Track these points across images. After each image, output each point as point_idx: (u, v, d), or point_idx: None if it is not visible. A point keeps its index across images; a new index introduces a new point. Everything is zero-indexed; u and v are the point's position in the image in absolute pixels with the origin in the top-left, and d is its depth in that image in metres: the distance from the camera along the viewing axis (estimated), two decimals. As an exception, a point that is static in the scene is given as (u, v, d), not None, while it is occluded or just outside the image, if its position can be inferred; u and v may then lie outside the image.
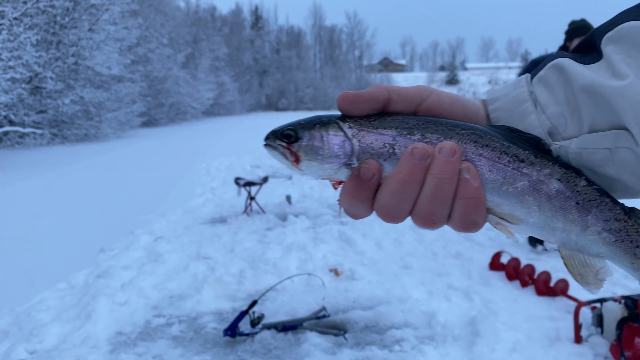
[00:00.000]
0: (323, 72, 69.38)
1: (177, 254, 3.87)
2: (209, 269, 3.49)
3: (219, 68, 43.95)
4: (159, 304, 2.96)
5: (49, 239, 4.48)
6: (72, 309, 2.85)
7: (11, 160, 11.09)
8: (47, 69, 14.89)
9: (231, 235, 4.42)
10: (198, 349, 2.42)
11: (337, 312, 2.79)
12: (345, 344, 2.43)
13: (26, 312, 2.79)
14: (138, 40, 23.50)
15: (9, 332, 2.60)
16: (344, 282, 3.22)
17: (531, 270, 3.06)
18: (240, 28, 61.93)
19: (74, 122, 16.55)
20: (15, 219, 5.33)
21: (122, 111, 19.01)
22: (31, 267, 3.68)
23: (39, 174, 8.84)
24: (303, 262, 3.58)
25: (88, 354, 2.33)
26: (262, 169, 9.15)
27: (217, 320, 2.74)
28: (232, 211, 5.41)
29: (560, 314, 2.68)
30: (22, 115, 14.59)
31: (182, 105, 30.44)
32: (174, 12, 36.06)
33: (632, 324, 2.18)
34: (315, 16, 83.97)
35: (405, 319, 2.67)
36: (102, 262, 3.69)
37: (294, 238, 4.17)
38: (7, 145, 14.22)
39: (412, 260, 3.60)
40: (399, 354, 2.31)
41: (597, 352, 2.27)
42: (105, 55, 16.92)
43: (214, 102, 38.99)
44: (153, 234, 4.51)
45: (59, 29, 15.72)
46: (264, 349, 2.41)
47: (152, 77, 26.13)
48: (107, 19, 17.05)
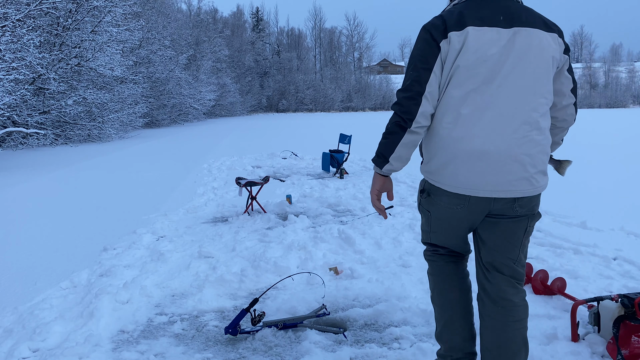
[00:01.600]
0: (323, 74, 69.33)
1: (179, 253, 3.90)
2: (210, 267, 3.52)
3: (220, 69, 44.03)
4: (161, 302, 2.99)
5: (52, 239, 4.52)
6: (75, 307, 2.88)
7: (15, 161, 11.14)
8: (50, 70, 14.95)
9: (232, 234, 4.45)
10: (200, 347, 2.44)
11: (336, 310, 2.82)
12: (344, 342, 2.46)
13: (29, 311, 2.82)
14: (140, 42, 23.57)
15: (12, 331, 2.62)
16: (343, 280, 3.25)
17: (528, 269, 3.08)
18: (241, 30, 61.99)
19: (77, 123, 16.61)
20: (18, 219, 5.37)
21: (125, 112, 19.06)
22: (34, 266, 3.71)
23: (42, 174, 8.88)
24: (303, 261, 3.61)
25: (91, 352, 2.35)
26: (262, 169, 9.18)
27: (218, 318, 2.77)
28: (233, 211, 5.44)
29: (558, 312, 2.69)
30: (26, 116, 14.65)
31: (184, 107, 30.49)
32: (176, 14, 36.18)
33: (628, 322, 2.20)
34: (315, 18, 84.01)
35: (404, 317, 2.70)
36: (104, 261, 3.72)
37: (294, 237, 4.20)
38: (11, 145, 14.28)
39: (410, 259, 3.62)
40: (398, 351, 2.34)
41: (594, 350, 2.29)
42: (108, 56, 16.98)
43: (215, 103, 39.03)
44: (155, 233, 4.54)
45: (62, 30, 15.79)
46: (265, 346, 2.44)
47: (154, 78, 26.18)
48: (110, 21, 17.11)
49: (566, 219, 4.88)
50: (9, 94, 11.85)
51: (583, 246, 3.93)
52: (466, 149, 1.61)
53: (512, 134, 1.61)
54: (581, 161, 9.82)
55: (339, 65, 71.33)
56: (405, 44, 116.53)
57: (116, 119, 18.15)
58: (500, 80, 1.60)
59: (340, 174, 8.02)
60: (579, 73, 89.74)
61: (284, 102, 61.60)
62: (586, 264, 3.52)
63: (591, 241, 4.07)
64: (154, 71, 25.86)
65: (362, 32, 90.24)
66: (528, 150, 1.62)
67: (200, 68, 36.23)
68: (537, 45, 1.62)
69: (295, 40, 73.00)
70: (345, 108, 63.75)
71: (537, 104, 1.64)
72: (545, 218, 4.98)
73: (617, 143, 14.10)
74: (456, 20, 1.61)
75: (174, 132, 22.80)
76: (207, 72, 37.69)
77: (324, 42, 77.34)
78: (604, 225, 4.63)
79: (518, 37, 1.61)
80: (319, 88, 63.16)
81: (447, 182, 1.67)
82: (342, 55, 75.64)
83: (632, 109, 62.33)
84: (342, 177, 7.96)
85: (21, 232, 4.81)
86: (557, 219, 4.94)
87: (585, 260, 3.61)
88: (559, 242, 4.07)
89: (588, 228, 4.55)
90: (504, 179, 1.62)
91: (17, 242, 4.45)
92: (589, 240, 4.09)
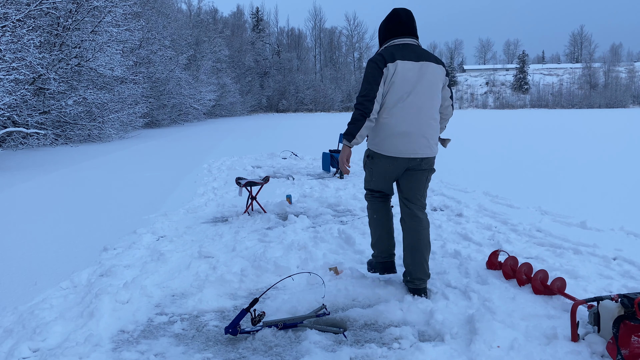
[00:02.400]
0: (323, 74, 69.36)
1: (179, 253, 3.90)
2: (210, 267, 3.52)
3: (220, 70, 44.05)
4: (161, 302, 2.99)
5: (52, 239, 4.52)
6: (75, 307, 2.88)
7: (15, 161, 11.14)
8: (50, 70, 14.95)
9: (232, 234, 4.45)
10: (200, 347, 2.44)
11: (336, 310, 2.82)
12: (344, 342, 2.46)
13: (30, 311, 2.81)
14: (140, 42, 23.57)
15: (12, 331, 2.62)
16: (343, 280, 3.25)
17: (528, 269, 3.08)
18: (241, 30, 62.01)
19: (77, 123, 16.61)
20: (19, 219, 5.37)
21: (125, 112, 19.06)
22: (35, 266, 3.72)
23: (42, 174, 8.88)
24: (303, 260, 3.61)
25: (91, 351, 2.35)
26: (263, 169, 9.18)
27: (218, 318, 2.77)
28: (233, 211, 5.44)
29: (558, 312, 2.69)
30: (26, 116, 14.65)
31: (184, 107, 30.50)
32: (176, 15, 36.17)
33: (628, 322, 2.20)
34: (315, 18, 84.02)
35: (404, 317, 2.70)
36: (105, 261, 3.72)
37: (294, 237, 4.20)
38: (11, 145, 14.29)
39: (411, 259, 3.61)
40: (398, 351, 2.34)
41: (594, 350, 2.29)
42: (108, 56, 16.98)
43: (215, 103, 39.05)
44: (155, 233, 4.54)
45: (62, 30, 15.79)
46: (265, 346, 2.44)
47: (155, 78, 26.19)
48: (110, 21, 17.11)
49: (566, 219, 4.88)
50: (9, 94, 11.85)
51: (583, 246, 3.93)
52: (397, 130, 2.82)
53: (422, 122, 2.83)
54: (581, 161, 9.83)
55: (339, 65, 71.37)
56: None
57: (116, 119, 18.15)
58: (415, 92, 2.81)
59: (340, 174, 8.02)
60: (579, 73, 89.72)
61: (284, 102, 61.60)
62: (586, 264, 3.52)
63: (591, 241, 4.07)
64: (154, 71, 25.86)
65: (362, 32, 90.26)
66: (429, 131, 2.87)
67: (200, 68, 36.23)
68: (433, 72, 2.85)
69: (295, 40, 73.00)
70: (345, 108, 63.75)
71: (434, 105, 2.89)
72: (545, 218, 4.98)
73: (617, 143, 14.10)
74: (390, 56, 2.78)
75: (174, 132, 22.80)
76: (207, 72, 37.69)
77: (324, 42, 77.35)
78: (604, 225, 4.64)
79: (423, 67, 2.83)
80: (319, 88, 63.17)
81: (385, 149, 2.87)
82: (342, 55, 75.70)
83: (632, 109, 62.30)
84: (342, 177, 7.97)
85: (21, 232, 4.81)
86: (557, 219, 4.94)
87: (585, 260, 3.61)
88: (559, 242, 4.08)
89: (588, 228, 4.55)
90: (417, 147, 2.84)
91: (17, 242, 4.45)
92: (588, 240, 4.09)
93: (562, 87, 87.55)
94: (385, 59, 2.76)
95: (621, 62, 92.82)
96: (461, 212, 5.19)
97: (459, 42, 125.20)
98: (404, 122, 2.78)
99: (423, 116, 2.81)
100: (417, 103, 2.80)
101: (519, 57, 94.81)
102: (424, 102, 2.82)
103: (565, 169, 8.70)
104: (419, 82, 2.79)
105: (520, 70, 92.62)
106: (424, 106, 2.81)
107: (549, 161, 9.95)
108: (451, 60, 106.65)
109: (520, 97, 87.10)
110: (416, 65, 2.79)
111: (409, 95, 2.78)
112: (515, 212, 5.29)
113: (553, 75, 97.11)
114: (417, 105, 2.80)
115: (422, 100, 2.81)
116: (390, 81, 2.77)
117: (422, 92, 2.81)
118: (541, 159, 10.41)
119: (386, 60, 2.76)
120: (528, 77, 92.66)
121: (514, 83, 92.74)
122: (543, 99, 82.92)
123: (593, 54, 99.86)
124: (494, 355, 2.26)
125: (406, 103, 2.78)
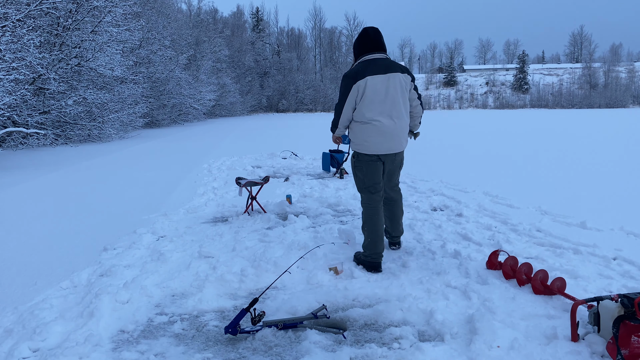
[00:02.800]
0: (323, 74, 69.36)
1: (179, 253, 3.90)
2: (210, 267, 3.52)
3: (220, 70, 44.05)
4: (161, 302, 2.99)
5: (52, 239, 4.52)
6: (75, 307, 2.88)
7: (15, 161, 11.15)
8: (50, 70, 14.95)
9: (232, 234, 4.45)
10: (200, 347, 2.44)
11: (336, 310, 2.82)
12: (344, 342, 2.46)
13: (29, 311, 2.82)
14: (140, 42, 23.57)
15: (12, 331, 2.62)
16: (343, 280, 3.25)
17: (528, 269, 3.08)
18: (241, 30, 62.02)
19: (77, 123, 16.61)
20: (18, 219, 5.37)
21: (125, 112, 19.06)
22: (35, 266, 3.72)
23: (42, 174, 8.89)
24: (303, 260, 3.60)
25: (91, 351, 2.35)
26: (262, 169, 9.18)
27: (218, 318, 2.77)
28: (233, 211, 5.44)
29: (558, 312, 2.69)
30: (26, 115, 14.65)
31: (184, 107, 30.50)
32: (176, 15, 36.17)
33: (628, 322, 2.20)
34: (315, 18, 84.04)
35: (404, 317, 2.70)
36: (105, 261, 3.72)
37: (294, 237, 4.20)
38: (11, 145, 14.29)
39: (410, 259, 3.62)
40: (398, 351, 2.34)
41: (594, 350, 2.29)
42: (108, 56, 16.98)
43: (215, 103, 39.06)
44: (155, 233, 4.54)
45: (62, 30, 15.79)
46: (265, 346, 2.44)
47: (155, 78, 26.19)
48: (110, 21, 17.10)
49: (566, 219, 4.89)
50: (9, 94, 11.86)
51: (583, 246, 3.93)
52: (374, 132, 3.41)
53: (395, 122, 3.43)
54: (581, 161, 9.83)
55: (339, 65, 71.35)
56: (405, 44, 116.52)
57: (116, 119, 18.15)
58: (387, 99, 3.40)
59: (340, 174, 8.02)
60: (579, 73, 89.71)
61: (284, 102, 61.60)
62: (586, 264, 3.52)
63: (591, 241, 4.07)
64: (154, 71, 25.86)
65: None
66: (402, 131, 3.49)
67: (200, 68, 36.23)
68: (399, 81, 3.43)
69: (295, 40, 73.02)
70: (345, 108, 63.56)
71: (404, 107, 3.49)
72: (545, 218, 4.98)
73: (617, 143, 14.10)
74: (361, 73, 3.36)
75: (174, 132, 22.81)
76: (207, 72, 37.69)
77: (324, 42, 77.36)
78: (603, 225, 4.64)
79: (391, 77, 3.39)
80: (319, 88, 63.17)
81: (367, 149, 3.47)
82: (342, 55, 75.66)
83: (631, 109, 62.30)
84: (342, 177, 7.96)
85: (21, 232, 4.81)
86: (557, 219, 4.94)
87: (585, 260, 3.61)
88: (559, 242, 4.08)
89: (588, 228, 4.55)
90: (392, 145, 3.47)
91: (17, 242, 4.45)
92: (588, 240, 4.10)
93: (562, 87, 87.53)
94: (356, 76, 3.35)
95: (621, 62, 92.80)
96: (461, 212, 5.19)
97: (459, 42, 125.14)
98: (380, 125, 3.39)
99: (395, 118, 3.41)
100: (388, 108, 3.39)
101: (519, 57, 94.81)
102: (394, 107, 3.40)
103: (565, 169, 8.70)
104: (388, 91, 3.37)
105: (520, 70, 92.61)
106: (394, 110, 3.40)
107: (549, 161, 9.95)
108: (451, 60, 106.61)
109: (520, 97, 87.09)
110: (384, 77, 3.36)
111: (381, 103, 3.37)
112: (515, 212, 5.29)
113: (553, 75, 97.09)
114: (388, 110, 3.39)
115: (392, 105, 3.39)
116: (362, 93, 3.37)
117: (391, 99, 3.38)
118: (541, 159, 10.41)
119: (357, 77, 3.35)
120: (528, 77, 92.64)
121: (514, 83, 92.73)
122: (543, 99, 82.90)
123: (593, 54, 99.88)
124: (494, 355, 2.26)
125: (380, 110, 3.38)
